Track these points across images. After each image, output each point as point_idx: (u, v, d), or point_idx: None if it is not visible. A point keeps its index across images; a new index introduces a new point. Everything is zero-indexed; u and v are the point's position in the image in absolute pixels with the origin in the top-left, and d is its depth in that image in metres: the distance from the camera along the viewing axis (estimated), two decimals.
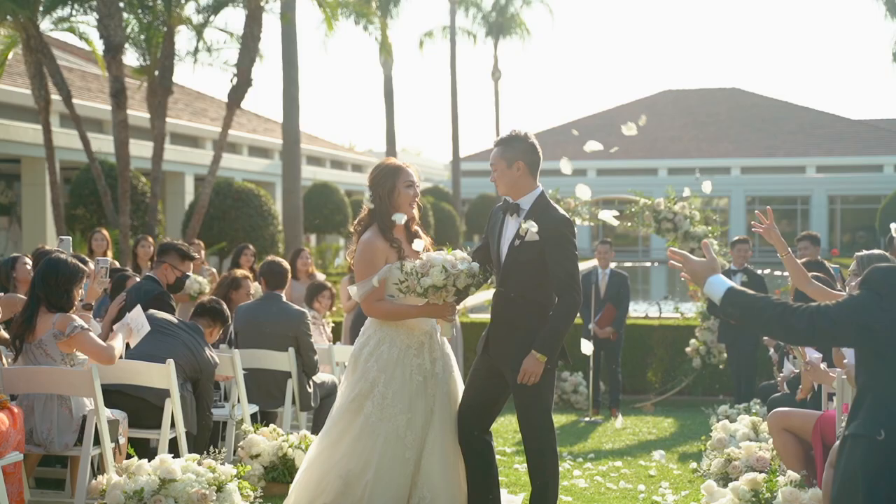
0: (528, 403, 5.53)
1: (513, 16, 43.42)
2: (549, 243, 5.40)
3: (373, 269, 5.48)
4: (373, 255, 5.49)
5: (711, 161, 53.79)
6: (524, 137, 5.57)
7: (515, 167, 5.51)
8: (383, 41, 23.92)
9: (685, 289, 13.55)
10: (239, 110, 23.51)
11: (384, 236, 5.53)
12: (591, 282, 11.32)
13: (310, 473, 5.71)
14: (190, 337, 6.77)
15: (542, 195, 5.57)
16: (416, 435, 5.55)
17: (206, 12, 18.81)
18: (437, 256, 5.35)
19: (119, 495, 5.48)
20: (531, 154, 5.56)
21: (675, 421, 10.76)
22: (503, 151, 5.54)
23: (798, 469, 5.54)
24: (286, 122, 23.43)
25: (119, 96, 17.17)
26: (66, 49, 28.75)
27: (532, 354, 5.37)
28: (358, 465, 5.51)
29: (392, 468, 5.53)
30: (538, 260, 5.42)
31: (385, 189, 5.54)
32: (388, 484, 5.52)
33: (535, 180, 5.59)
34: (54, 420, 5.83)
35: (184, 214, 23.78)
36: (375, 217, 5.56)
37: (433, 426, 5.61)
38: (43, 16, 17.74)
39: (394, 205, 5.54)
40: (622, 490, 7.36)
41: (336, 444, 5.61)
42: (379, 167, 5.65)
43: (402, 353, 5.53)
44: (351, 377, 5.67)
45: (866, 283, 3.63)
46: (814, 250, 10.11)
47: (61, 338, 5.80)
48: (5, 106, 22.26)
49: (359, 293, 5.52)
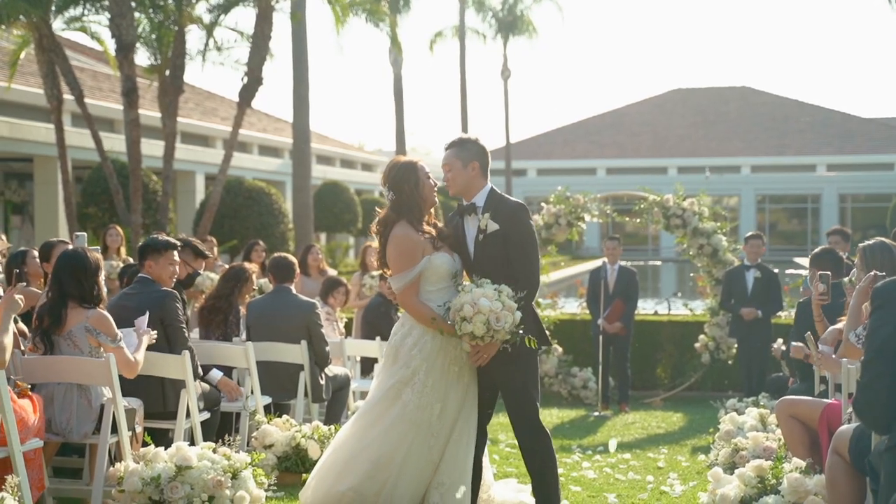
0: (514, 390, 5.67)
1: (522, 15, 43.45)
2: (509, 230, 5.60)
3: (411, 261, 5.62)
4: (412, 247, 5.63)
5: (721, 160, 53.79)
6: (476, 141, 5.79)
7: (471, 167, 5.71)
8: (393, 40, 24.01)
9: (695, 286, 13.61)
10: (249, 110, 23.66)
11: (416, 229, 5.67)
12: (600, 277, 11.39)
13: (336, 456, 5.84)
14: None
15: (492, 190, 5.77)
16: (446, 424, 5.70)
17: (216, 11, 18.93)
18: (485, 303, 5.37)
19: (136, 482, 5.58)
20: (483, 156, 5.78)
21: (684, 415, 10.83)
22: (458, 153, 5.73)
23: (804, 456, 5.61)
24: (296, 121, 23.54)
25: (130, 95, 17.30)
26: (77, 49, 28.93)
27: None
28: (389, 451, 5.66)
29: (419, 456, 5.70)
30: (504, 250, 5.61)
31: (410, 184, 5.68)
32: (412, 471, 5.69)
33: (486, 180, 5.78)
34: (73, 410, 5.94)
35: (195, 213, 23.92)
36: (403, 213, 5.68)
37: (462, 416, 5.76)
38: (55, 15, 17.88)
39: (422, 196, 5.70)
40: (630, 481, 7.44)
41: (368, 428, 5.74)
42: (395, 165, 5.77)
43: (444, 342, 5.67)
44: (391, 367, 5.79)
45: (873, 301, 3.86)
46: (843, 245, 10.21)
47: (102, 340, 5.90)
48: (18, 105, 22.41)
49: (397, 285, 5.66)
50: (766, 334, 10.76)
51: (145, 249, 6.97)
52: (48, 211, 22.93)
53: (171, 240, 7.10)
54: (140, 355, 6.11)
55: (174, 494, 5.56)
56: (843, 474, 4.80)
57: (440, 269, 5.66)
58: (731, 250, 11.85)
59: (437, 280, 5.67)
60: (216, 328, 8.15)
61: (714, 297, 11.85)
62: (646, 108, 60.03)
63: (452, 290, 5.66)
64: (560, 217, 11.80)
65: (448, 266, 5.68)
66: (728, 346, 11.78)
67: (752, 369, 10.75)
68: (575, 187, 12.99)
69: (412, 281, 5.61)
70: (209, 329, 8.16)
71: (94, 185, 21.34)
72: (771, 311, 10.85)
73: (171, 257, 6.90)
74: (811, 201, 53.29)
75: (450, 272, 5.68)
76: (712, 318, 11.93)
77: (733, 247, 11.91)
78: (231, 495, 5.63)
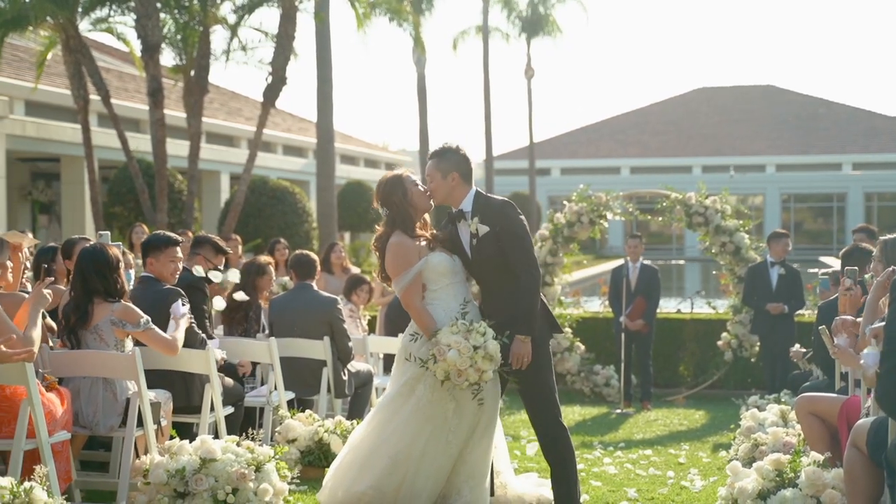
0: (529, 382, 5.79)
1: (546, 14, 43.39)
2: (500, 228, 5.72)
3: (407, 263, 5.76)
4: (406, 251, 5.76)
5: (746, 159, 53.55)
6: (456, 150, 5.89)
7: (450, 178, 5.84)
8: (416, 40, 24.08)
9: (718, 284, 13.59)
10: (274, 110, 23.77)
11: (410, 236, 5.81)
12: (622, 275, 11.42)
13: (354, 455, 5.93)
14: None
15: (478, 193, 5.89)
16: (465, 418, 5.78)
17: (241, 12, 19.05)
18: (452, 355, 5.48)
19: (162, 474, 5.67)
20: (464, 164, 5.88)
21: (706, 413, 10.84)
22: (438, 164, 5.86)
23: (824, 452, 5.63)
24: (320, 121, 23.64)
25: (156, 95, 17.44)
26: (104, 50, 29.16)
27: (516, 339, 5.66)
28: (406, 447, 5.75)
29: (437, 450, 5.78)
30: (499, 249, 5.73)
31: (398, 195, 5.83)
32: (431, 465, 5.78)
33: (469, 186, 5.90)
34: (99, 403, 6.03)
35: (220, 212, 24.08)
36: (397, 224, 5.83)
37: (484, 414, 5.84)
38: (82, 17, 18.06)
39: (412, 205, 5.83)
40: (651, 476, 7.48)
41: (385, 424, 5.84)
42: (382, 182, 5.92)
43: None
44: (403, 364, 5.89)
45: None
46: (869, 243, 10.18)
47: (129, 329, 5.98)
48: (45, 106, 22.64)
49: (399, 288, 5.80)
50: (790, 331, 10.76)
51: (146, 247, 6.92)
52: (75, 210, 23.14)
53: (171, 235, 7.00)
54: (179, 334, 6.19)
55: (199, 487, 5.64)
56: (861, 468, 4.82)
57: (439, 267, 5.79)
58: (754, 248, 11.84)
59: (438, 278, 5.81)
60: (238, 324, 8.24)
61: (736, 294, 11.84)
62: (670, 107, 59.85)
63: (458, 286, 5.81)
64: (582, 215, 11.83)
65: (447, 264, 5.81)
66: (751, 344, 11.76)
67: (775, 367, 10.74)
68: (599, 186, 13.01)
69: (412, 281, 5.75)
70: (231, 326, 8.25)
71: (120, 184, 21.53)
72: (794, 309, 10.86)
73: (171, 254, 6.79)
74: (837, 200, 52.95)
75: (449, 270, 5.82)
76: (735, 316, 11.92)
77: (756, 244, 11.90)
78: (254, 488, 5.71)
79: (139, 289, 6.79)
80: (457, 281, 5.82)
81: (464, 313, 5.66)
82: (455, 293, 5.81)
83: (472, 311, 5.76)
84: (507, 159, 55.82)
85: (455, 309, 5.77)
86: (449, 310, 5.77)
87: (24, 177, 25.49)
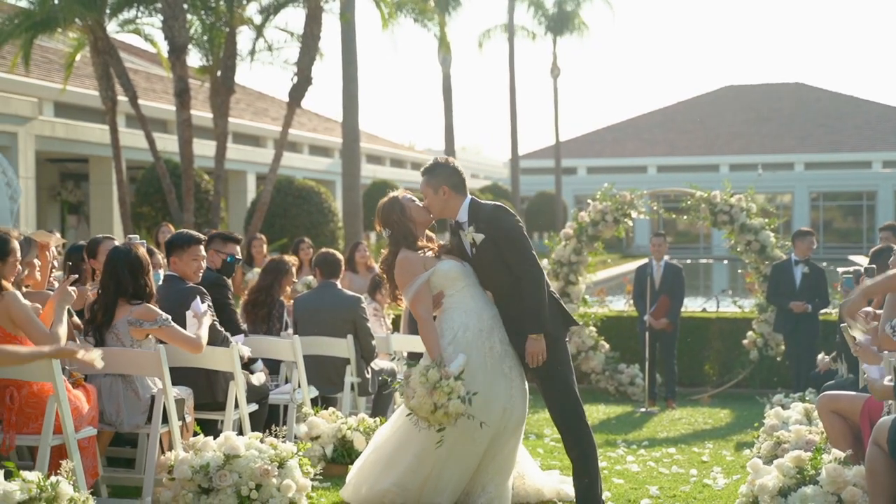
0: (547, 378, 5.88)
1: (572, 12, 43.33)
2: (494, 233, 5.83)
3: (413, 274, 5.91)
4: (410, 264, 5.91)
5: (774, 157, 53.23)
6: (445, 163, 6.01)
7: (441, 191, 5.95)
8: (441, 40, 24.12)
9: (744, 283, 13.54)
10: (299, 110, 23.88)
11: (413, 250, 5.96)
12: (646, 274, 11.40)
13: (379, 454, 6.03)
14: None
15: (472, 202, 5.98)
16: (493, 417, 5.83)
17: (266, 12, 19.15)
18: (414, 403, 5.67)
19: (186, 470, 5.73)
20: (453, 176, 5.98)
21: (731, 412, 10.80)
22: (428, 180, 5.98)
23: (845, 450, 5.61)
24: (346, 121, 23.72)
25: (183, 96, 17.57)
26: (131, 51, 29.40)
27: (529, 338, 5.78)
28: (431, 445, 5.80)
29: (463, 448, 5.84)
30: (498, 254, 5.84)
31: (396, 213, 5.99)
32: (456, 463, 5.85)
33: (463, 196, 5.99)
34: (121, 402, 6.07)
35: (246, 212, 24.22)
36: (400, 242, 5.97)
37: (514, 414, 5.91)
38: (110, 18, 18.23)
39: (411, 219, 5.98)
40: (674, 474, 7.47)
41: (410, 423, 5.88)
42: (379, 207, 6.09)
43: (475, 336, 5.85)
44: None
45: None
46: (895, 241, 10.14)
47: (146, 327, 6.05)
48: (74, 107, 22.86)
49: (407, 297, 5.94)
50: (814, 330, 10.71)
51: (169, 245, 7.00)
52: (103, 210, 23.36)
53: (194, 234, 7.08)
54: (203, 332, 6.25)
55: (222, 482, 5.70)
56: (882, 465, 4.81)
57: (450, 273, 5.92)
58: (779, 246, 11.79)
59: (452, 283, 5.93)
60: (261, 322, 8.30)
61: (762, 293, 11.79)
62: (697, 105, 59.59)
63: (472, 287, 5.93)
64: (606, 214, 11.82)
65: (457, 269, 5.93)
66: (777, 343, 11.71)
67: (801, 365, 10.70)
68: (625, 185, 12.98)
69: (419, 289, 5.86)
70: (255, 324, 8.31)
71: (148, 184, 21.71)
72: (818, 308, 10.80)
73: (195, 252, 6.87)
74: (866, 198, 52.52)
75: (461, 274, 5.93)
76: (761, 315, 11.88)
77: (781, 243, 11.85)
78: (277, 483, 5.76)
79: (163, 288, 6.86)
80: (471, 283, 5.95)
81: (435, 365, 5.71)
82: (472, 294, 5.93)
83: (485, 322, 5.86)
84: (533, 158, 55.77)
85: (473, 309, 5.87)
86: (468, 310, 5.88)
87: (53, 177, 25.75)
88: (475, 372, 5.79)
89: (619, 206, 11.83)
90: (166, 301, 6.55)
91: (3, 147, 18.82)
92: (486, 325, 5.90)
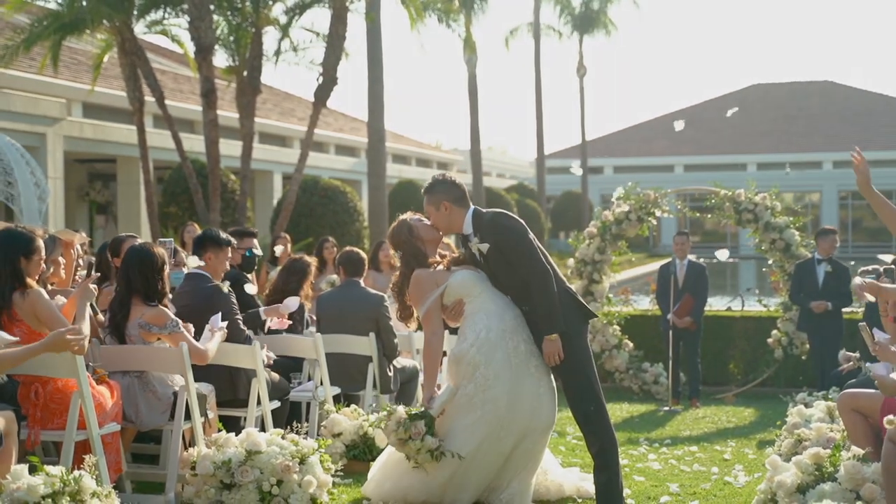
0: (566, 373, 5.92)
1: (599, 11, 43.22)
2: (496, 241, 5.91)
3: (424, 293, 6.04)
4: (420, 283, 6.04)
5: (802, 156, 52.90)
6: (442, 180, 6.12)
7: (443, 207, 6.05)
8: (467, 39, 24.14)
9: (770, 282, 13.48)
10: (325, 110, 23.98)
11: (424, 268, 6.08)
12: (670, 272, 11.39)
13: None
14: None
15: (474, 212, 6.06)
16: (520, 417, 5.89)
17: (292, 13, 19.25)
18: (391, 424, 5.97)
19: (208, 466, 5.79)
20: (452, 190, 6.07)
21: (755, 410, 10.78)
22: (429, 199, 6.08)
23: (865, 448, 5.60)
24: (371, 121, 23.79)
25: (209, 96, 17.69)
26: (158, 52, 29.62)
27: (545, 339, 5.84)
28: (455, 444, 5.86)
29: (489, 448, 5.89)
30: (505, 261, 5.92)
31: (405, 233, 6.13)
32: (480, 463, 5.89)
33: (465, 208, 6.06)
34: (139, 403, 6.12)
35: (272, 211, 24.34)
36: (411, 263, 6.10)
37: (542, 413, 5.95)
38: (137, 19, 18.38)
39: (419, 238, 6.11)
40: (695, 472, 7.47)
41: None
42: (388, 232, 6.28)
43: (498, 337, 5.91)
44: (454, 368, 6.05)
45: None
46: None
47: (155, 331, 6.11)
48: (101, 108, 23.06)
49: (421, 313, 6.07)
50: (838, 328, 10.68)
51: (206, 241, 7.13)
52: (131, 210, 23.55)
53: (230, 237, 7.33)
54: (212, 345, 6.30)
55: (244, 478, 5.76)
56: None
57: (465, 282, 6.02)
58: (804, 245, 11.74)
59: (469, 291, 6.02)
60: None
61: (786, 292, 11.75)
62: (725, 104, 59.30)
63: (489, 291, 6.01)
64: (630, 212, 11.81)
65: (472, 278, 6.02)
66: (801, 342, 11.67)
67: (825, 364, 10.65)
68: (652, 184, 12.94)
69: (430, 307, 5.98)
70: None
71: (175, 184, 21.86)
72: (840, 306, 10.76)
73: (228, 253, 7.16)
74: None
75: (476, 281, 6.02)
76: (785, 314, 11.83)
77: (806, 241, 11.80)
78: (299, 479, 5.81)
79: (187, 284, 6.94)
80: (488, 288, 6.04)
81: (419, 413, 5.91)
82: (491, 297, 6.02)
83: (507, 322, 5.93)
84: (559, 158, 55.67)
85: (494, 311, 5.95)
86: (489, 313, 5.96)
87: (81, 178, 25.98)
88: (500, 371, 5.84)
89: (643, 205, 11.81)
90: (193, 298, 6.74)
91: (31, 148, 19.00)
92: (508, 325, 5.94)
